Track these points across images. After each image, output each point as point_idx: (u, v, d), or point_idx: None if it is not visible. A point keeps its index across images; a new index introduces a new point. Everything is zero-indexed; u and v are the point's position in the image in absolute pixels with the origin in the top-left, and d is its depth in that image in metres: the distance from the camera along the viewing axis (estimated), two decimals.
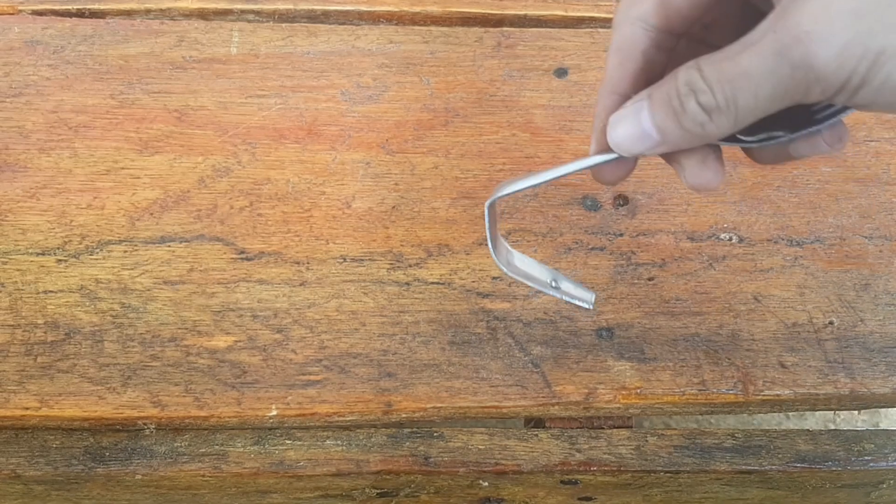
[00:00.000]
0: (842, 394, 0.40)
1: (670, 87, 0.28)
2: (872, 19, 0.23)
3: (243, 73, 0.48)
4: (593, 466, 0.40)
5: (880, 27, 0.23)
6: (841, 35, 0.23)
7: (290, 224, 0.44)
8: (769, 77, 0.25)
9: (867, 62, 0.24)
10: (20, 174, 0.44)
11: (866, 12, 0.23)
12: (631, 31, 0.30)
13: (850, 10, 0.23)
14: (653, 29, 0.30)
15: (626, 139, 0.29)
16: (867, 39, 0.23)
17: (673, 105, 0.27)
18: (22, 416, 0.39)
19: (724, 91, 0.26)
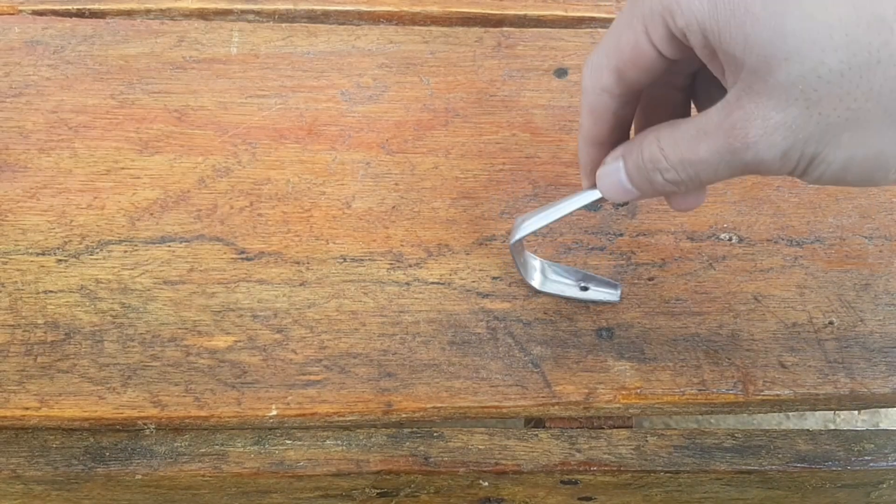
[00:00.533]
0: (842, 394, 0.40)
1: (638, 158, 0.32)
2: (805, 133, 0.27)
3: (243, 74, 0.48)
4: (593, 466, 0.40)
5: (812, 138, 0.27)
6: (782, 144, 0.28)
7: (290, 224, 0.44)
8: (726, 165, 0.29)
9: (804, 162, 0.28)
10: (20, 174, 0.44)
11: (800, 127, 0.27)
12: (598, 98, 0.34)
13: (788, 125, 0.27)
14: (618, 96, 0.33)
15: (613, 193, 0.34)
16: (803, 147, 0.28)
17: (643, 174, 0.32)
18: (22, 416, 0.39)
19: (686, 172, 0.31)
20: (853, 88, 0.26)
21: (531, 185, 0.45)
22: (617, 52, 0.32)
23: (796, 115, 0.27)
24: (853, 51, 0.26)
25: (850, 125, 0.27)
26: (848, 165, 0.28)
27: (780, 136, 0.27)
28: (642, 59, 0.31)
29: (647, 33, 0.30)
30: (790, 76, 0.26)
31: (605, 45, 0.32)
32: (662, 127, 0.31)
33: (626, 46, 0.31)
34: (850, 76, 0.26)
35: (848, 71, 0.26)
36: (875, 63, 0.26)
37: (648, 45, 0.30)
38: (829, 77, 0.26)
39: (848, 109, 0.27)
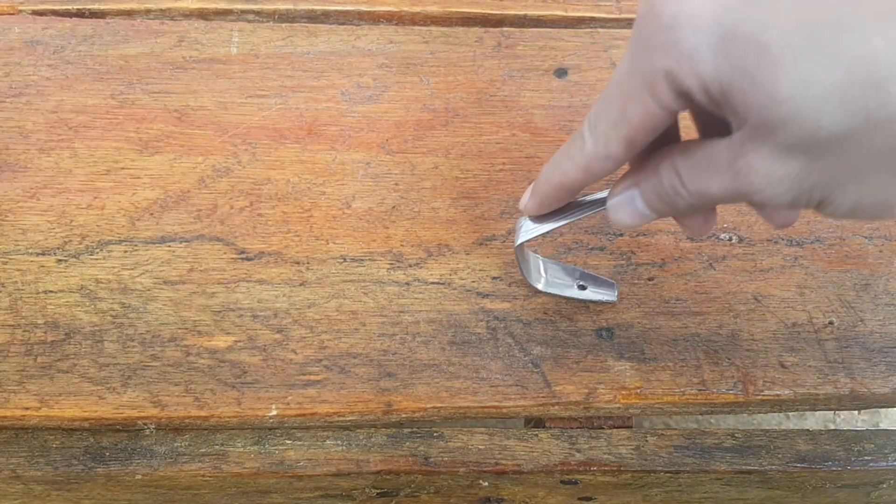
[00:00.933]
0: (842, 394, 0.40)
1: (657, 184, 0.32)
2: (809, 183, 0.28)
3: (243, 74, 0.48)
4: (593, 466, 0.40)
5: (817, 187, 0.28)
6: (787, 195, 0.28)
7: (290, 224, 0.44)
8: (738, 200, 0.30)
9: (813, 204, 0.29)
10: (20, 174, 0.44)
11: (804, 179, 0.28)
12: (602, 164, 0.33)
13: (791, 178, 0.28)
14: (622, 160, 0.33)
15: (629, 220, 0.34)
16: (809, 194, 0.28)
17: (664, 199, 0.32)
18: (22, 416, 0.39)
19: (703, 200, 0.31)
20: (854, 147, 0.26)
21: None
22: (625, 122, 0.31)
23: (799, 169, 0.27)
24: (850, 113, 0.26)
25: (854, 178, 0.27)
26: (855, 209, 0.29)
27: (785, 187, 0.28)
28: (653, 123, 0.30)
29: (655, 99, 0.30)
30: (789, 138, 0.27)
31: (610, 114, 0.32)
32: (676, 154, 0.31)
33: (635, 117, 0.30)
34: (850, 136, 0.26)
35: (846, 132, 0.26)
36: (873, 125, 0.26)
37: (658, 109, 0.30)
38: (827, 138, 0.26)
39: (850, 164, 0.27)
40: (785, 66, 0.25)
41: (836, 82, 0.25)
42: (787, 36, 0.26)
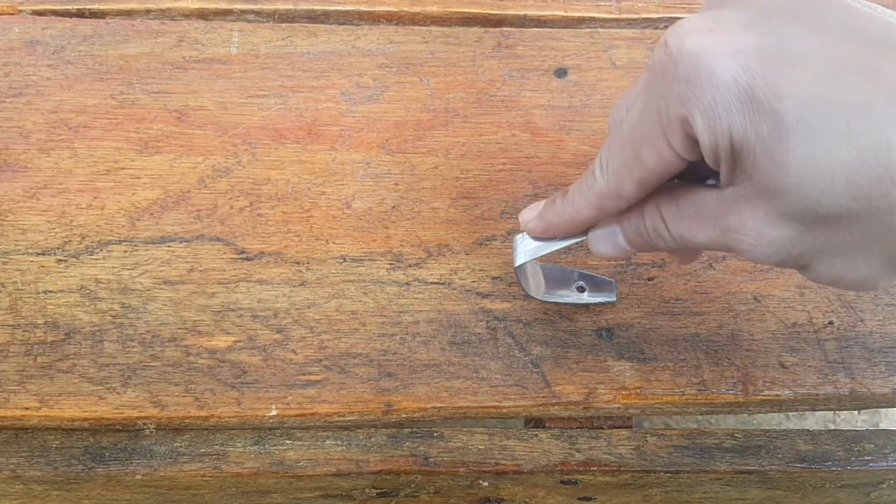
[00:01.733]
0: (842, 394, 0.40)
1: (640, 224, 0.33)
2: (798, 250, 0.28)
3: (243, 74, 0.48)
4: (593, 466, 0.40)
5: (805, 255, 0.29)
6: (774, 257, 0.29)
7: (290, 224, 0.44)
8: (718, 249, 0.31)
9: (798, 268, 0.30)
10: (20, 174, 0.44)
11: (793, 245, 0.28)
12: (614, 203, 0.33)
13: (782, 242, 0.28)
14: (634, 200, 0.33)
15: (609, 252, 0.35)
16: (796, 259, 0.29)
17: (644, 239, 0.33)
18: (22, 416, 0.39)
19: (685, 245, 0.32)
20: (851, 226, 0.27)
21: (531, 185, 0.45)
22: (639, 165, 0.31)
23: (792, 237, 0.28)
24: (853, 196, 0.26)
25: (844, 252, 0.28)
26: (838, 281, 0.29)
27: (773, 249, 0.29)
28: (667, 168, 0.31)
29: (669, 145, 0.30)
30: (788, 206, 0.27)
31: (622, 156, 0.32)
32: (660, 197, 0.32)
33: (650, 160, 0.31)
34: (849, 217, 0.26)
35: (846, 214, 0.26)
36: (874, 211, 0.26)
37: (672, 155, 0.30)
38: (826, 216, 0.27)
39: (843, 241, 0.27)
40: (796, 139, 0.26)
41: (844, 166, 0.25)
42: (801, 108, 0.26)
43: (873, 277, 0.29)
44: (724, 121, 0.27)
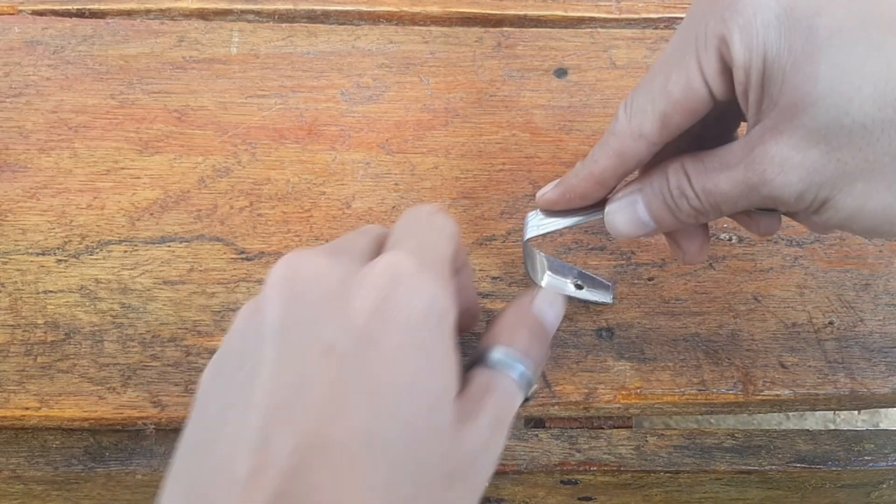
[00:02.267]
0: (842, 394, 0.40)
1: (662, 186, 0.32)
2: (822, 177, 0.28)
3: (243, 74, 0.48)
4: (593, 466, 0.40)
5: (827, 183, 0.28)
6: (798, 186, 0.28)
7: (290, 224, 0.44)
8: (745, 197, 0.30)
9: (817, 205, 0.29)
10: (20, 174, 0.44)
11: (817, 170, 0.28)
12: (634, 144, 0.32)
13: (806, 167, 0.28)
14: (655, 144, 0.32)
15: (626, 227, 0.34)
16: (818, 190, 0.28)
17: (667, 202, 0.32)
18: (22, 417, 0.39)
19: (709, 202, 0.31)
20: (874, 141, 0.27)
21: (531, 185, 0.45)
22: (665, 95, 0.30)
23: (815, 159, 0.28)
24: (879, 105, 0.26)
25: (866, 175, 0.27)
26: (856, 215, 0.29)
27: (797, 176, 0.28)
28: (693, 100, 0.30)
29: (700, 70, 0.29)
30: (815, 121, 0.27)
31: (651, 86, 0.31)
32: (686, 157, 0.32)
33: (677, 87, 0.30)
34: (873, 129, 0.27)
35: (871, 124, 0.26)
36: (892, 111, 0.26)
37: (701, 83, 0.30)
38: (851, 127, 0.27)
39: (866, 160, 0.27)
40: (829, 50, 0.26)
41: (874, 73, 0.26)
42: (837, 23, 0.27)
43: (893, 206, 0.28)
44: (760, 36, 0.27)
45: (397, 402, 0.25)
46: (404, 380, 0.26)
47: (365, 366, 0.25)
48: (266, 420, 0.24)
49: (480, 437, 0.27)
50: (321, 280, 0.27)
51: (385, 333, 0.26)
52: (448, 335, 0.28)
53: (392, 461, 0.25)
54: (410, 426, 0.25)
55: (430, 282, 0.27)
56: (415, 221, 0.31)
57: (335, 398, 0.25)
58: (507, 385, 0.29)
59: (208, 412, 0.26)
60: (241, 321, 0.28)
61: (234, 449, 0.24)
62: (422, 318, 0.27)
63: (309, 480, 0.23)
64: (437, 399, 0.26)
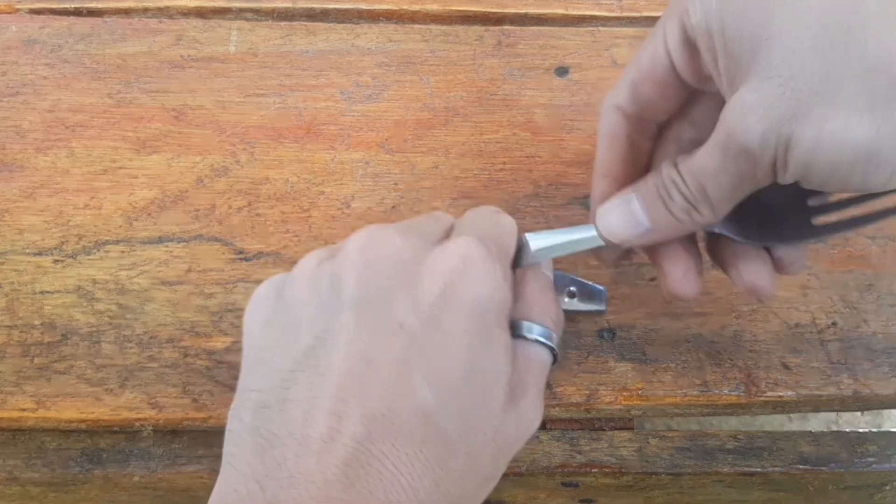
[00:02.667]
0: (845, 395, 0.40)
1: (657, 180, 0.32)
2: (779, 111, 0.27)
3: (242, 73, 0.48)
4: (594, 468, 0.40)
5: (785, 117, 0.27)
6: (757, 127, 0.27)
7: (289, 224, 0.43)
8: (722, 169, 0.29)
9: (782, 147, 0.27)
10: (17, 174, 0.44)
11: (773, 105, 0.27)
12: (613, 118, 0.34)
13: (762, 105, 0.27)
14: (632, 116, 0.34)
15: (617, 225, 0.33)
16: (778, 128, 0.27)
17: (661, 195, 0.31)
18: (18, 418, 0.38)
19: (694, 184, 0.30)
20: (825, 61, 0.26)
21: (532, 184, 0.45)
22: (636, 64, 0.32)
23: (769, 94, 0.27)
24: (825, 22, 0.26)
25: (821, 99, 0.26)
26: (816, 145, 0.27)
27: (755, 117, 0.27)
28: (657, 69, 0.31)
29: (664, 39, 0.31)
30: (769, 57, 0.27)
31: (630, 63, 0.33)
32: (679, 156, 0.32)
33: (644, 56, 0.32)
34: (822, 48, 0.26)
35: (820, 43, 0.26)
36: (847, 33, 0.26)
37: (663, 52, 0.31)
38: (801, 51, 0.26)
39: (819, 82, 0.26)
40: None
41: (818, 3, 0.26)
42: None
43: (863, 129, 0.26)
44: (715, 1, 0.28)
45: (455, 384, 0.28)
46: (464, 364, 0.28)
47: (428, 347, 0.28)
48: (340, 388, 0.26)
49: (527, 414, 0.30)
50: (397, 257, 0.29)
51: (449, 317, 0.28)
52: (505, 323, 0.30)
53: (446, 439, 0.27)
54: (466, 407, 0.28)
55: (494, 271, 0.30)
56: (480, 218, 0.34)
57: (401, 375, 0.27)
58: (544, 357, 0.32)
59: (273, 361, 0.28)
60: (313, 277, 0.30)
61: (308, 412, 0.26)
62: (484, 306, 0.29)
63: (374, 449, 0.26)
64: (492, 384, 0.29)
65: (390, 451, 0.26)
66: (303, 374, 0.27)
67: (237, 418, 0.28)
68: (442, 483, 0.27)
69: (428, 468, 0.26)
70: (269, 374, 0.28)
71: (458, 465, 0.27)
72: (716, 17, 0.28)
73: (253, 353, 0.30)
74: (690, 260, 0.34)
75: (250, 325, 0.31)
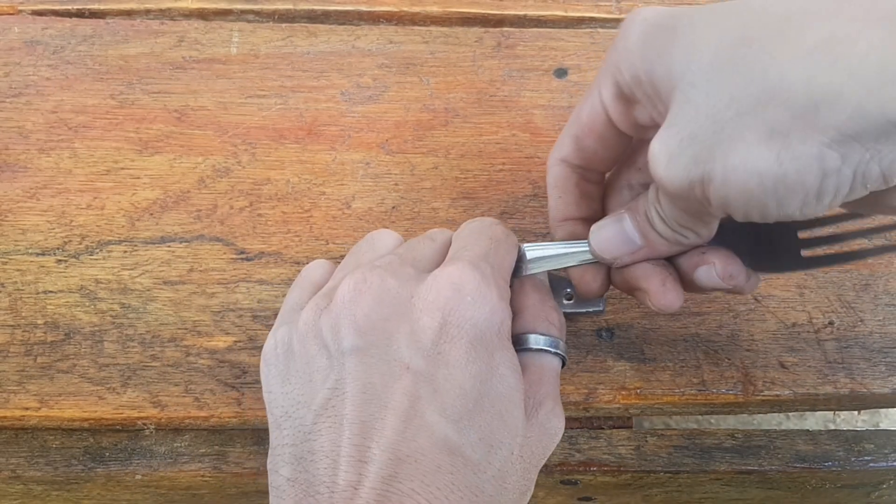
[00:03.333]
0: (842, 394, 0.40)
1: (644, 201, 0.32)
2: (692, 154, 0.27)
3: (243, 74, 0.48)
4: (593, 467, 0.40)
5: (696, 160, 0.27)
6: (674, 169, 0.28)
7: (290, 224, 0.44)
8: (668, 202, 0.30)
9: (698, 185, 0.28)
10: (20, 174, 0.44)
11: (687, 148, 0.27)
12: (560, 169, 0.35)
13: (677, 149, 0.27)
14: (577, 167, 0.35)
15: (610, 241, 0.33)
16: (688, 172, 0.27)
17: (647, 212, 0.32)
18: (22, 417, 0.39)
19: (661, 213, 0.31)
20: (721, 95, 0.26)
21: (531, 185, 0.45)
22: (577, 120, 0.34)
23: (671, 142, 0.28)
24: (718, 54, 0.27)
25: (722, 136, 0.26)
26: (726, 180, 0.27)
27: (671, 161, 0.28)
28: (595, 122, 0.33)
29: (600, 96, 0.32)
30: (672, 102, 0.28)
31: (570, 120, 0.34)
32: None
33: (583, 112, 0.33)
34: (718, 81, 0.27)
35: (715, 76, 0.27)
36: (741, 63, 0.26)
37: (600, 107, 0.32)
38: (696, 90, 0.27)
39: (715, 120, 0.26)
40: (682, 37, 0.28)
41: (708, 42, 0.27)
42: (691, 18, 0.28)
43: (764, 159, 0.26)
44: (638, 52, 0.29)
45: (471, 413, 0.28)
46: (474, 392, 0.29)
47: (437, 382, 0.28)
48: (359, 436, 0.28)
49: (549, 423, 0.31)
50: (391, 299, 0.30)
51: (452, 349, 0.29)
52: (507, 342, 0.31)
53: (474, 467, 0.28)
54: (486, 432, 0.29)
55: (489, 295, 0.30)
56: (477, 232, 0.34)
57: (416, 414, 0.28)
58: (554, 365, 0.33)
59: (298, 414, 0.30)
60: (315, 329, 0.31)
61: (334, 461, 0.28)
62: (483, 330, 0.30)
63: (403, 488, 0.26)
64: (507, 403, 0.29)
65: (421, 488, 0.27)
66: (324, 425, 0.28)
67: (275, 472, 0.29)
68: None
69: (462, 497, 0.27)
70: (297, 428, 0.29)
71: (490, 488, 0.28)
72: (640, 67, 0.29)
73: (278, 409, 0.31)
74: (664, 271, 0.34)
75: (269, 381, 0.32)
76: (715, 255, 0.33)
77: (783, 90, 0.25)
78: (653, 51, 0.29)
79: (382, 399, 0.28)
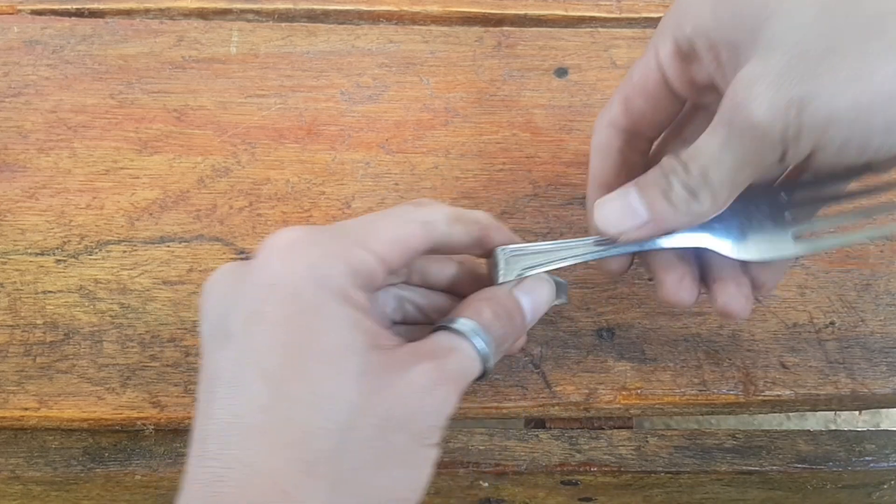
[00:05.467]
0: (843, 394, 0.40)
1: (657, 172, 0.31)
2: (788, 77, 0.27)
3: (243, 73, 0.48)
4: (593, 467, 0.40)
5: (798, 79, 0.26)
6: (766, 94, 0.27)
7: (290, 224, 0.43)
8: (727, 148, 0.29)
9: (794, 110, 0.27)
10: (19, 174, 0.44)
11: (782, 73, 0.27)
12: (606, 133, 0.35)
13: (770, 72, 0.27)
14: (624, 131, 0.34)
15: (614, 216, 0.32)
16: (789, 92, 0.27)
17: (660, 185, 0.31)
18: (21, 417, 0.39)
19: (697, 169, 0.30)
20: (830, 25, 0.27)
21: (531, 185, 0.45)
22: (628, 81, 0.33)
23: (776, 63, 0.27)
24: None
25: (833, 54, 0.26)
26: (834, 98, 0.26)
27: (763, 85, 0.27)
28: (649, 82, 0.32)
29: (656, 55, 0.32)
30: (771, 32, 0.27)
31: (622, 83, 0.34)
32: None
33: (636, 72, 0.33)
34: (825, 15, 0.27)
35: (822, 11, 0.27)
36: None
37: (654, 66, 0.32)
38: (805, 21, 0.27)
39: (827, 41, 0.27)
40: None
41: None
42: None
43: (884, 68, 0.26)
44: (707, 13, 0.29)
45: (293, 367, 0.26)
46: (294, 345, 0.27)
47: (254, 344, 0.27)
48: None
49: (417, 382, 0.27)
50: (230, 271, 0.30)
51: (270, 308, 0.27)
52: (337, 297, 0.28)
53: (303, 421, 0.26)
54: (315, 385, 0.26)
55: (309, 250, 0.28)
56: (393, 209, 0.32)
57: (237, 383, 0.27)
58: (465, 348, 0.30)
59: None
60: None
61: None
62: (300, 285, 0.27)
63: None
64: (336, 356, 0.27)
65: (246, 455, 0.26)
66: None
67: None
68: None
69: (292, 452, 0.26)
70: None
71: (328, 444, 0.26)
72: (710, 17, 0.29)
73: None
74: (685, 268, 0.34)
75: None
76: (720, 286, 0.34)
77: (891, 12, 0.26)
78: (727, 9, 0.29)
79: (215, 373, 0.28)
